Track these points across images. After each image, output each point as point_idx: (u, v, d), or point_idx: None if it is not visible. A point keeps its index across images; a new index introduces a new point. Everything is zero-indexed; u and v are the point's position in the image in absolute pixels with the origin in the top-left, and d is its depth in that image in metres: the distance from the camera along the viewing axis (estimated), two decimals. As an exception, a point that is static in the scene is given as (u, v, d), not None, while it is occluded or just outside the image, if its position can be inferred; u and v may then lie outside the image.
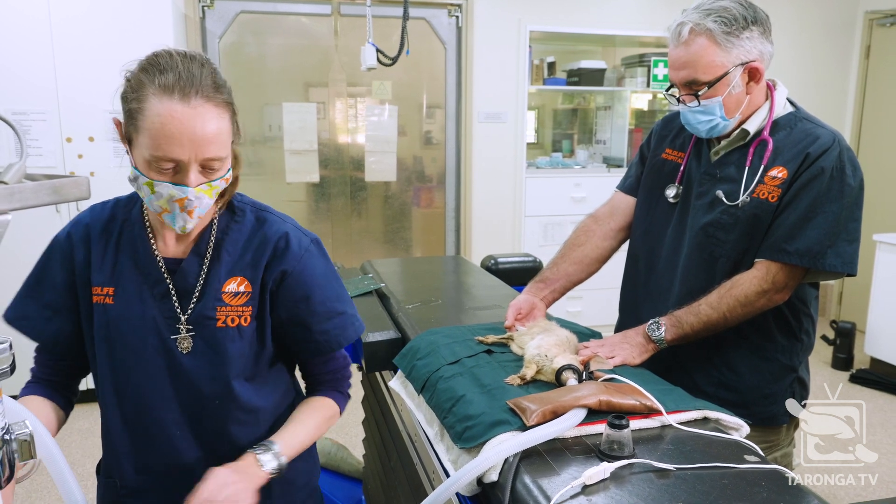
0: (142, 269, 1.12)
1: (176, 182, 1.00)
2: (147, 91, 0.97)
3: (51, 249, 1.15)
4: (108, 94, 3.66)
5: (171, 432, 1.14)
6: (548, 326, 1.52)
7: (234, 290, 1.13)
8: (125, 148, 1.05)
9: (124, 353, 1.11)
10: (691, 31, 1.40)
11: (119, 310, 1.11)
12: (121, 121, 1.03)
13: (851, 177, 1.42)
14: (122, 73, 1.02)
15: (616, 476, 1.03)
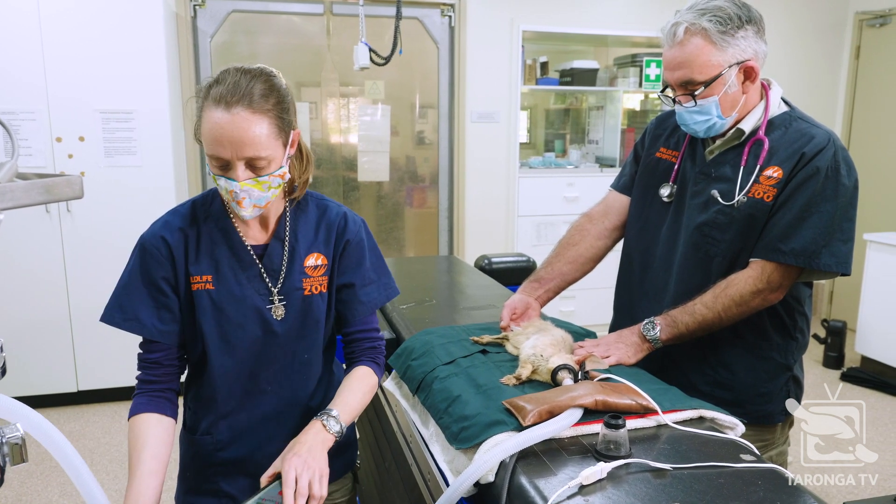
0: (236, 256, 1.32)
1: (228, 177, 1.20)
2: (205, 101, 1.19)
3: (145, 251, 1.30)
4: (99, 92, 3.64)
5: (264, 387, 1.36)
6: (543, 326, 1.52)
7: (314, 264, 1.37)
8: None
9: (229, 327, 1.31)
10: (686, 30, 1.40)
11: (221, 292, 1.31)
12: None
13: (846, 176, 1.42)
14: (200, 86, 1.26)
15: (613, 476, 1.03)
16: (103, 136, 3.43)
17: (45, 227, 3.43)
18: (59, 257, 3.46)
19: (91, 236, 3.48)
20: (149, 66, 3.43)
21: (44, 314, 3.50)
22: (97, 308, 3.87)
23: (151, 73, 3.44)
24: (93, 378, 3.63)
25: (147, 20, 3.39)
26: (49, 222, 3.43)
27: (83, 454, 3.13)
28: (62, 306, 3.50)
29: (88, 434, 3.34)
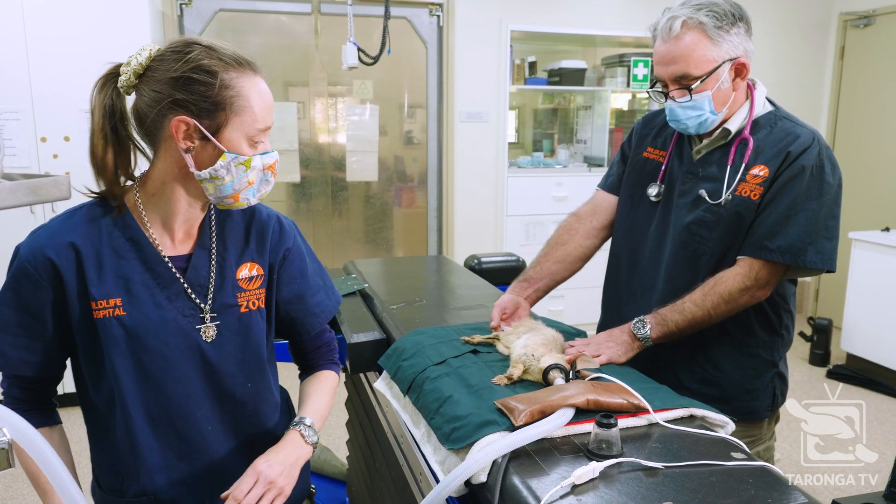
0: (151, 271, 1.11)
1: (264, 152, 1.08)
2: (242, 79, 1.04)
3: (21, 275, 1.07)
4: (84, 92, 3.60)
5: (203, 429, 1.15)
6: (534, 325, 1.52)
7: (248, 275, 1.18)
8: (187, 147, 1.04)
9: (149, 360, 1.10)
10: (684, 24, 1.41)
11: (135, 318, 1.09)
12: (194, 122, 1.03)
13: (830, 175, 1.44)
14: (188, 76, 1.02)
15: (605, 475, 1.03)
16: (88, 135, 3.38)
17: (30, 227, 3.37)
18: (44, 259, 3.42)
19: (76, 237, 3.44)
20: (135, 65, 3.39)
21: (29, 316, 3.46)
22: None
23: (137, 72, 3.40)
24: (79, 380, 3.58)
25: (132, 19, 3.36)
26: (34, 223, 3.39)
27: (69, 457, 3.10)
28: (47, 308, 3.46)
29: (74, 437, 3.25)
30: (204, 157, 1.05)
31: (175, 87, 1.02)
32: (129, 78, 1.04)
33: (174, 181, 1.08)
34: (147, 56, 1.04)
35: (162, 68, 1.03)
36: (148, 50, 1.05)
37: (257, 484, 1.06)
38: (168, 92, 1.02)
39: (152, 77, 1.04)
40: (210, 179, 1.06)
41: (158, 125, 1.04)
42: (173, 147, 1.05)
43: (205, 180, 1.06)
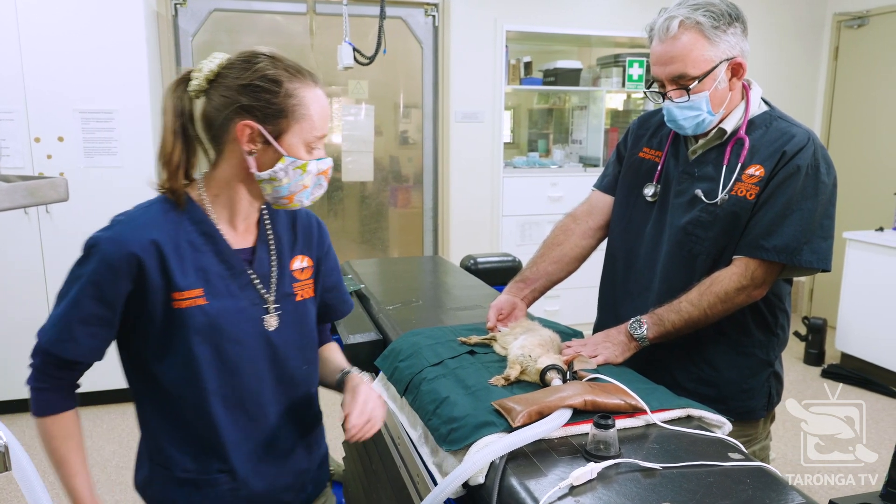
0: (225, 262, 1.19)
1: (319, 158, 1.16)
2: (304, 89, 1.12)
3: (103, 268, 1.11)
4: (79, 92, 3.59)
5: (267, 410, 1.24)
6: (530, 326, 1.52)
7: (300, 266, 1.28)
8: (250, 150, 1.12)
9: (227, 346, 1.18)
10: (681, 24, 1.41)
11: (216, 307, 1.17)
12: (258, 127, 1.10)
13: (826, 174, 1.45)
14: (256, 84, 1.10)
15: (603, 476, 1.03)
16: (83, 136, 3.37)
17: (23, 229, 3.37)
18: (38, 259, 3.40)
19: (71, 238, 3.38)
20: (129, 65, 3.38)
21: (22, 317, 3.44)
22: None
23: (132, 72, 3.39)
24: (73, 382, 3.57)
25: (127, 19, 3.35)
26: (28, 224, 3.37)
27: (64, 459, 3.09)
28: (41, 309, 3.44)
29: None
30: (265, 159, 1.12)
31: (242, 94, 1.09)
32: (201, 83, 1.11)
33: (238, 181, 1.16)
34: (218, 64, 1.11)
35: (231, 76, 1.10)
36: (219, 58, 1.12)
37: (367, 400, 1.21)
38: (235, 98, 1.09)
39: (222, 83, 1.11)
40: (269, 181, 1.13)
41: (225, 128, 1.12)
42: (237, 149, 1.12)
43: (264, 181, 1.14)
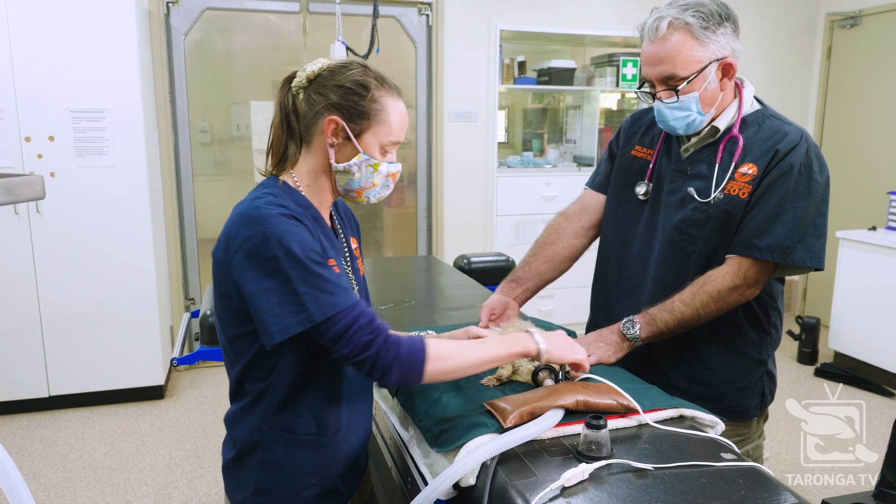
0: (332, 243, 1.31)
1: (391, 161, 1.28)
2: (389, 93, 1.24)
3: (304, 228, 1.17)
4: (69, 91, 3.56)
5: (349, 376, 1.30)
6: (523, 326, 1.51)
7: (355, 247, 1.42)
8: (332, 143, 1.23)
9: None
10: (670, 24, 1.40)
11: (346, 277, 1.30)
12: (342, 123, 1.21)
13: (818, 173, 1.44)
14: (347, 86, 1.21)
15: (595, 477, 1.02)
16: (74, 135, 3.35)
17: (13, 229, 3.34)
18: (29, 259, 3.38)
19: (62, 238, 3.41)
20: (121, 64, 3.36)
21: (13, 317, 3.42)
22: (68, 311, 3.79)
23: (123, 71, 3.37)
24: (64, 383, 3.55)
25: (118, 18, 3.32)
26: (18, 223, 3.35)
27: (55, 461, 3.07)
28: (32, 309, 3.42)
29: (60, 440, 3.26)
30: (343, 153, 1.24)
31: (335, 93, 1.21)
32: (302, 81, 1.23)
33: (322, 172, 1.27)
34: (320, 67, 1.23)
35: (328, 77, 1.22)
36: (322, 62, 1.24)
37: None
38: (329, 96, 1.21)
39: (320, 82, 1.22)
40: (343, 173, 1.25)
41: (315, 121, 1.23)
42: (323, 141, 1.24)
43: (339, 172, 1.25)
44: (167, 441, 3.25)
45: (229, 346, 1.25)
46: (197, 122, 4.10)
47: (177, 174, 4.05)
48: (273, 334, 1.11)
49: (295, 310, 1.10)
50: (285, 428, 1.24)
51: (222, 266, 1.17)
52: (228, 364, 1.28)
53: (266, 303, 1.11)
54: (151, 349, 3.63)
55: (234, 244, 1.14)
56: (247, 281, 1.12)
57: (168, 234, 3.99)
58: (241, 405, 1.26)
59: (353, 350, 1.11)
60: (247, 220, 1.14)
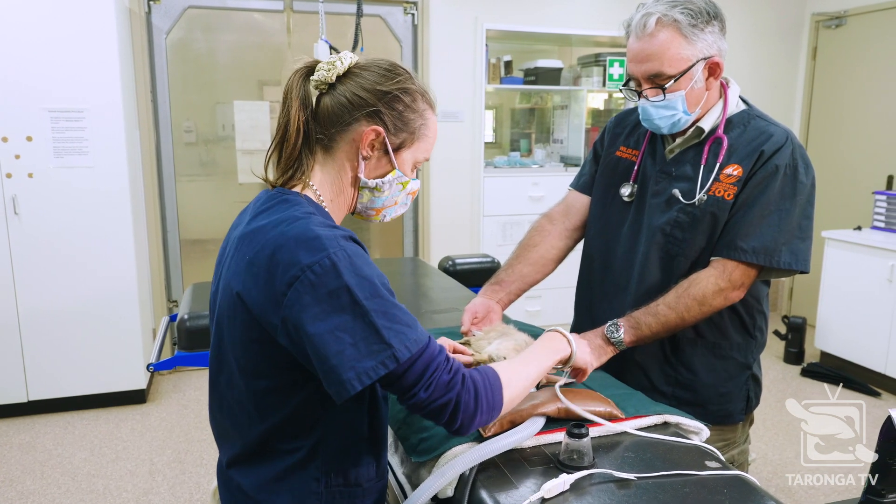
0: None
1: (415, 178, 1.16)
2: (429, 112, 1.12)
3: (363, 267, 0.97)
4: (48, 90, 3.49)
5: None
6: (505, 330, 1.48)
7: None
8: (366, 155, 1.08)
9: None
10: (658, 21, 1.37)
11: None
12: (384, 135, 1.07)
13: (804, 174, 1.42)
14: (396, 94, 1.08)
15: (576, 487, 1.00)
16: (52, 135, 3.29)
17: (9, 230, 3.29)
18: (7, 261, 3.31)
19: (41, 240, 3.35)
20: (100, 63, 3.30)
21: (-10, 322, 3.35)
22: (48, 314, 3.72)
23: (103, 70, 3.31)
24: (44, 387, 3.49)
25: (98, 16, 3.26)
26: (18, 224, 3.28)
27: (33, 468, 3.01)
28: (10, 313, 3.36)
29: (39, 446, 3.20)
30: (374, 168, 1.10)
31: (380, 100, 1.06)
32: (329, 77, 1.06)
33: (349, 187, 1.11)
34: (351, 62, 1.08)
35: (369, 78, 1.07)
36: (352, 57, 1.09)
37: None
38: (372, 101, 1.05)
39: (356, 82, 1.06)
40: (373, 189, 1.11)
41: (347, 127, 1.07)
42: (351, 152, 1.08)
43: (366, 188, 1.11)
44: (148, 446, 3.20)
45: (253, 401, 1.03)
46: (179, 121, 4.05)
47: (159, 174, 3.99)
48: (348, 382, 0.90)
49: (375, 349, 0.91)
50: (350, 482, 1.08)
51: (262, 304, 0.95)
52: (243, 420, 1.05)
53: (337, 344, 0.90)
54: (133, 353, 3.57)
55: (287, 275, 0.92)
56: (308, 320, 0.91)
57: (150, 236, 3.94)
58: (279, 469, 1.05)
59: (432, 394, 0.94)
60: (303, 245, 0.93)
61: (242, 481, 1.07)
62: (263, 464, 1.06)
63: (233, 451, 1.09)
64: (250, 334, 0.98)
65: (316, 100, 1.08)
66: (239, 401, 1.05)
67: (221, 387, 1.09)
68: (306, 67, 1.08)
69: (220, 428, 1.13)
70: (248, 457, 1.07)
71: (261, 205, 1.07)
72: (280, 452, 1.04)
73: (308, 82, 1.08)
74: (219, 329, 1.07)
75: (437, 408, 0.95)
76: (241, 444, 1.07)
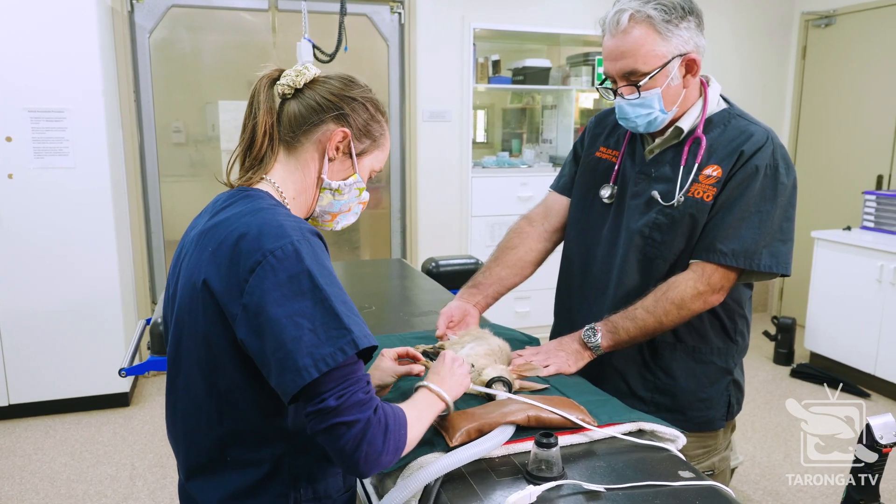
0: None
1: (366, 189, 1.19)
2: (385, 124, 1.17)
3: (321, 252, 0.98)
4: (28, 90, 3.43)
5: None
6: (480, 335, 1.45)
7: None
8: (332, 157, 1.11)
9: None
10: (631, 17, 1.34)
11: None
12: (350, 138, 1.11)
13: (785, 175, 1.39)
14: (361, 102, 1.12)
15: (543, 499, 0.96)
16: (33, 136, 3.24)
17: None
18: (-14, 265, 3.27)
19: (21, 241, 3.30)
20: (81, 63, 3.25)
21: (-30, 325, 3.30)
22: (28, 317, 3.66)
23: (84, 70, 3.26)
24: (25, 391, 3.43)
25: (79, 15, 3.21)
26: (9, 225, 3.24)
27: (12, 473, 2.96)
28: (-10, 316, 3.31)
29: (19, 451, 3.15)
30: (339, 171, 1.13)
31: (347, 104, 1.10)
32: (294, 81, 1.10)
33: (311, 186, 1.13)
34: (316, 73, 1.12)
35: (335, 85, 1.11)
36: (316, 69, 1.13)
37: None
38: (340, 104, 1.09)
39: (324, 88, 1.10)
40: (333, 191, 1.14)
41: (314, 128, 1.10)
42: (316, 152, 1.11)
43: (328, 189, 1.13)
44: (130, 450, 3.16)
45: (213, 401, 0.99)
46: (163, 121, 3.99)
47: (142, 175, 3.94)
48: (304, 369, 0.87)
49: (333, 335, 0.89)
50: (319, 495, 1.05)
51: (225, 293, 0.93)
52: (201, 424, 1.01)
53: (295, 330, 0.88)
54: (116, 356, 3.51)
55: (249, 261, 0.91)
56: (268, 304, 0.88)
57: (134, 237, 3.89)
58: (240, 484, 1.00)
59: (342, 405, 0.88)
60: (267, 233, 0.93)
61: (203, 497, 1.03)
62: (224, 476, 1.01)
63: (188, 461, 1.05)
64: (213, 327, 0.95)
65: (280, 105, 1.11)
66: (196, 403, 1.01)
67: (178, 390, 1.06)
68: (272, 75, 1.12)
69: (176, 437, 1.09)
70: (206, 467, 1.03)
71: (221, 203, 1.09)
72: (241, 464, 1.00)
73: (273, 88, 1.11)
74: (178, 329, 1.04)
75: (341, 425, 0.88)
76: (196, 452, 1.03)
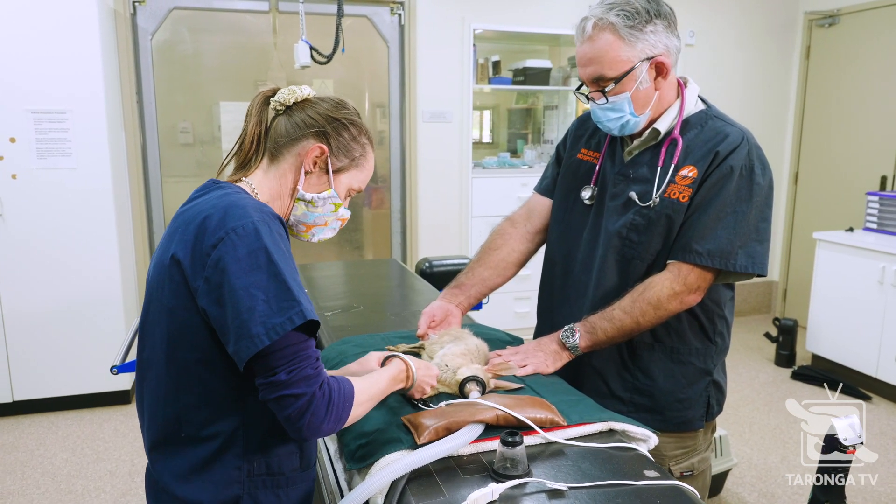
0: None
1: (346, 207, 1.25)
2: (369, 147, 1.25)
3: (278, 237, 1.06)
4: (31, 92, 3.48)
5: None
6: (459, 335, 1.46)
7: None
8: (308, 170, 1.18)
9: None
10: (595, 25, 1.36)
11: None
12: (327, 154, 1.18)
13: (761, 175, 1.39)
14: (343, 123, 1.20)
15: (506, 497, 0.98)
16: (36, 136, 3.29)
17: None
18: (-10, 263, 3.32)
19: (24, 241, 3.35)
20: (84, 64, 3.29)
21: (-26, 323, 3.35)
22: (31, 315, 3.71)
23: (86, 71, 3.30)
24: (29, 387, 3.49)
25: (82, 17, 3.25)
26: (3, 226, 3.28)
27: (14, 468, 3.01)
28: (-6, 314, 3.36)
29: (22, 446, 3.20)
30: (315, 185, 1.20)
31: (329, 123, 1.18)
32: (287, 100, 1.18)
33: (286, 195, 1.20)
34: (309, 94, 1.21)
35: (323, 106, 1.19)
36: (311, 91, 1.21)
37: None
38: (322, 123, 1.17)
39: (311, 107, 1.19)
40: (307, 202, 1.19)
41: (295, 142, 1.17)
42: (294, 164, 1.18)
43: (302, 200, 1.19)
44: (130, 447, 3.20)
45: (174, 373, 1.05)
46: (168, 122, 4.04)
47: (145, 175, 3.98)
48: (256, 336, 0.95)
49: (284, 306, 0.97)
50: (273, 470, 1.10)
51: (190, 267, 1.01)
52: (160, 395, 1.08)
53: (250, 301, 0.96)
54: (118, 353, 3.56)
55: (212, 238, 1.00)
56: (227, 277, 0.97)
57: (136, 237, 3.93)
58: (197, 458, 1.06)
59: (292, 378, 0.97)
60: (231, 213, 1.02)
61: (161, 473, 1.10)
62: (181, 452, 1.08)
63: (150, 437, 1.12)
64: (178, 300, 1.03)
65: (272, 119, 1.20)
66: (158, 375, 1.08)
67: (143, 365, 1.13)
68: (267, 94, 1.21)
69: (141, 412, 1.16)
70: (163, 442, 1.09)
71: (194, 194, 1.18)
72: (196, 440, 1.07)
73: (268, 104, 1.20)
74: (147, 304, 1.11)
75: (289, 396, 0.97)
76: (156, 427, 1.10)
